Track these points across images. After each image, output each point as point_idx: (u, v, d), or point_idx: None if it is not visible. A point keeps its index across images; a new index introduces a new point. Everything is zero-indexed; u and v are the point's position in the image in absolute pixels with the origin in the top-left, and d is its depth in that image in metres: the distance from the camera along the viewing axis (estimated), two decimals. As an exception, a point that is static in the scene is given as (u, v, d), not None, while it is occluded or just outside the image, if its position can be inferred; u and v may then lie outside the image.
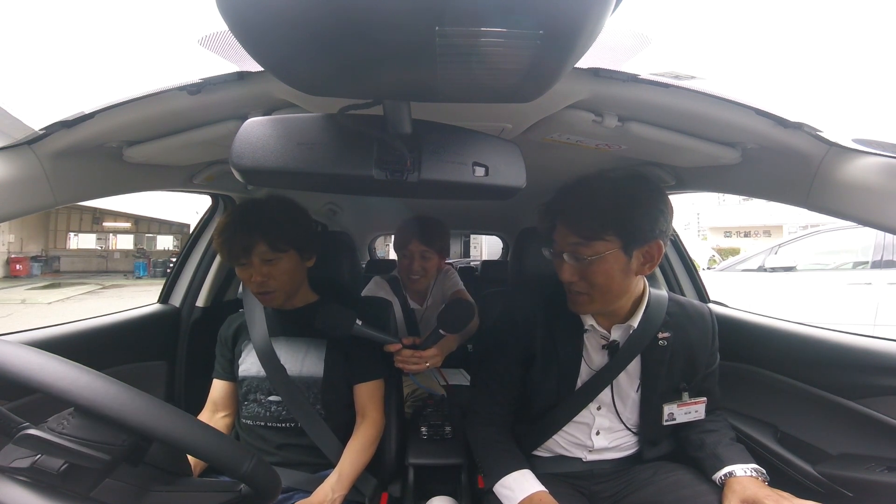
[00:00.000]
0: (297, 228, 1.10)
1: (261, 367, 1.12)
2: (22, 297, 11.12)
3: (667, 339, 1.01)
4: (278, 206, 1.11)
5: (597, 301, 0.93)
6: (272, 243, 1.05)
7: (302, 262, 1.13)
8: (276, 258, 1.06)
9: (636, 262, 0.89)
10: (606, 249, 0.87)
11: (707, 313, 1.08)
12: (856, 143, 0.78)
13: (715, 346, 1.07)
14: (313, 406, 1.13)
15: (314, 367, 1.14)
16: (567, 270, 0.91)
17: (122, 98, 0.77)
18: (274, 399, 1.13)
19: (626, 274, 0.90)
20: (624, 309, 0.99)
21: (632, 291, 0.97)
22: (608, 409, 1.04)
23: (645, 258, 0.90)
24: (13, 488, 0.52)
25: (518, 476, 0.94)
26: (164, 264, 15.89)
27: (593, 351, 1.03)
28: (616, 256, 0.87)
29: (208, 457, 0.62)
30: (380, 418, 1.17)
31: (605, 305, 0.96)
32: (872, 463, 0.96)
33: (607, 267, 0.88)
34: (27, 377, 0.55)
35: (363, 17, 0.35)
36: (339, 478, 1.03)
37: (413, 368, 1.16)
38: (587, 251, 0.88)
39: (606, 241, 0.86)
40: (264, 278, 1.06)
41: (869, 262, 4.34)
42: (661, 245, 0.89)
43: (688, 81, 0.76)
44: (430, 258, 1.74)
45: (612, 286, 0.90)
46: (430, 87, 0.45)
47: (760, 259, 5.25)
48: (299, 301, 1.19)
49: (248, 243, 1.04)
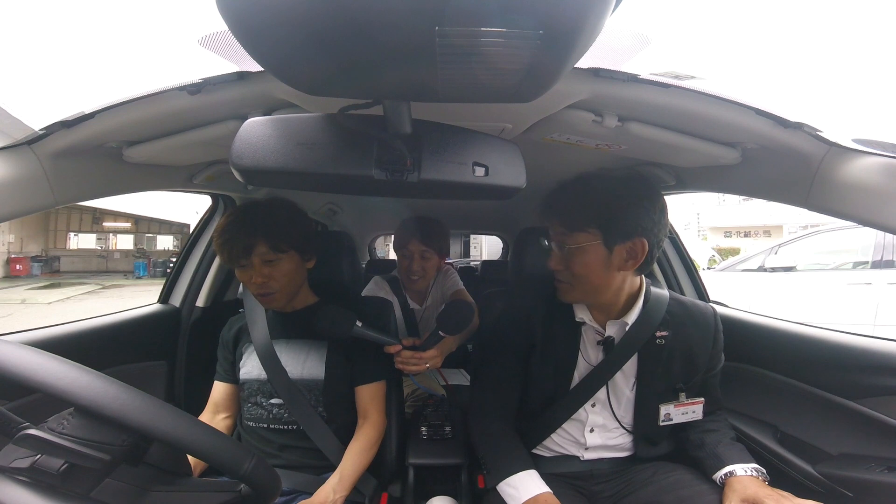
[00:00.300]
0: (298, 229, 1.10)
1: (262, 370, 1.12)
2: (22, 297, 11.13)
3: (665, 338, 1.01)
4: (279, 207, 1.10)
5: (577, 290, 0.97)
6: (273, 244, 1.05)
7: (303, 264, 1.13)
8: (276, 259, 1.06)
9: (618, 257, 0.92)
10: (587, 241, 0.91)
11: (711, 314, 1.08)
12: (856, 143, 0.78)
13: (718, 347, 1.07)
14: (315, 408, 1.12)
15: (315, 369, 1.14)
16: (553, 259, 0.98)
17: (122, 98, 0.77)
18: (275, 402, 1.12)
19: (607, 268, 0.93)
20: (616, 305, 1.00)
21: (620, 287, 0.97)
22: (602, 406, 1.04)
23: (628, 254, 0.92)
24: (13, 488, 0.52)
25: (524, 476, 0.94)
26: (164, 264, 15.91)
27: (590, 346, 1.04)
28: (596, 249, 0.91)
29: (208, 457, 0.62)
30: (381, 420, 1.17)
31: (587, 296, 0.99)
32: (872, 463, 0.96)
33: (587, 258, 0.92)
34: (27, 377, 0.55)
35: (363, 17, 0.35)
36: (341, 479, 1.03)
37: (413, 369, 1.16)
38: (570, 241, 0.93)
39: (588, 234, 0.91)
40: (265, 279, 1.06)
41: (869, 262, 4.34)
42: (645, 243, 0.90)
43: (688, 81, 0.76)
44: (429, 258, 1.74)
45: (592, 277, 0.94)
46: (430, 87, 0.45)
47: (760, 259, 5.25)
48: (300, 303, 1.19)
49: (249, 244, 1.04)
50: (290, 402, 1.10)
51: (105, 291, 13.25)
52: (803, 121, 0.79)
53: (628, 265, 0.93)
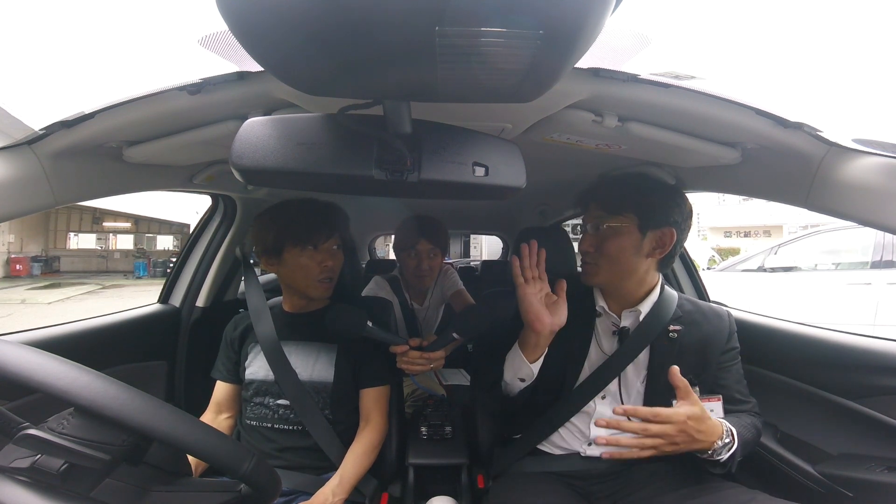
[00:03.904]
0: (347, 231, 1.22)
1: (269, 371, 1.12)
2: (22, 297, 11.13)
3: (678, 332, 1.02)
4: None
5: (602, 272, 1.02)
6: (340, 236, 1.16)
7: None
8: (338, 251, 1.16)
9: (648, 244, 0.98)
10: (624, 223, 0.99)
11: (725, 315, 1.09)
12: (856, 143, 0.78)
13: (731, 344, 1.06)
14: (322, 410, 1.12)
15: (325, 371, 1.14)
16: (587, 240, 1.04)
17: (122, 98, 0.77)
18: (282, 402, 1.12)
19: (637, 252, 0.99)
20: (633, 294, 1.03)
21: (642, 277, 1.02)
22: (612, 399, 1.04)
23: (658, 243, 0.99)
24: (13, 488, 0.52)
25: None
26: (164, 264, 15.90)
27: (604, 335, 1.06)
28: (630, 232, 0.98)
29: (208, 457, 0.62)
30: (383, 424, 1.17)
31: (612, 278, 1.03)
32: (872, 463, 0.96)
33: (622, 240, 0.99)
34: (27, 377, 0.55)
35: (363, 17, 0.35)
36: (341, 481, 1.03)
37: (417, 370, 1.16)
38: (608, 222, 1.00)
39: (625, 217, 0.99)
40: (336, 263, 1.14)
41: (869, 262, 4.34)
42: (674, 233, 0.98)
43: (688, 81, 0.76)
44: (435, 257, 1.75)
45: (621, 259, 0.99)
46: (430, 86, 0.45)
47: (760, 259, 5.25)
48: (315, 304, 1.19)
49: (330, 231, 1.13)
50: (298, 403, 1.10)
51: (105, 291, 13.25)
52: (803, 121, 0.78)
53: (656, 253, 1.00)
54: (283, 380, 1.11)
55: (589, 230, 1.05)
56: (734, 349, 1.07)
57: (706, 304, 1.12)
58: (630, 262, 1.00)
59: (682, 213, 1.00)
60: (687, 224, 1.01)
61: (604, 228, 1.01)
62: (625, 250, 0.99)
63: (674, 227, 0.98)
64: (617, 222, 0.99)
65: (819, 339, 1.13)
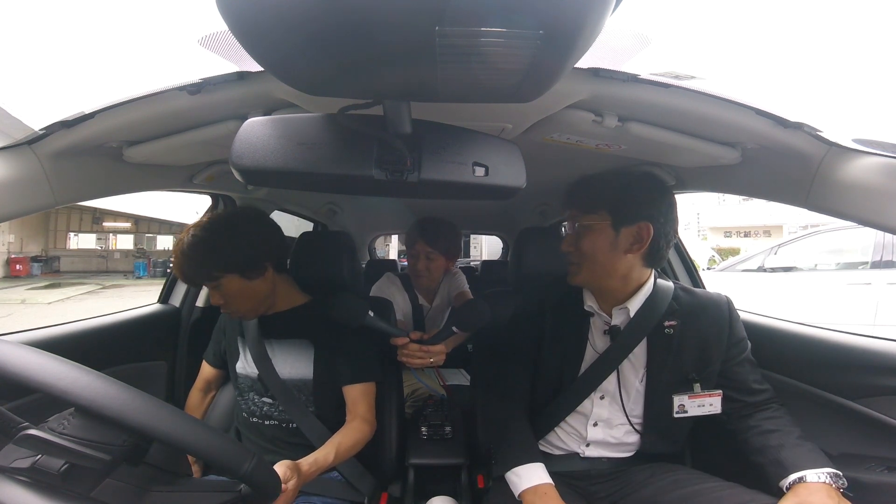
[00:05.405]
0: (230, 252, 1.04)
1: (255, 367, 1.14)
2: (22, 297, 11.12)
3: (673, 328, 1.01)
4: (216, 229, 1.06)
5: (584, 271, 1.02)
6: (205, 274, 1.05)
7: (249, 281, 1.07)
8: (217, 285, 1.06)
9: (625, 240, 0.97)
10: (597, 221, 0.98)
11: (724, 302, 1.07)
12: (856, 143, 0.78)
13: (735, 334, 1.04)
14: (307, 407, 1.13)
15: (304, 369, 1.15)
16: (566, 241, 1.05)
17: (122, 98, 0.77)
18: (267, 400, 1.15)
19: (613, 249, 0.98)
20: (620, 292, 1.03)
21: (627, 274, 1.01)
22: (612, 400, 1.04)
23: (634, 238, 0.97)
24: (13, 488, 0.52)
25: (530, 467, 0.95)
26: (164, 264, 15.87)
27: (597, 335, 1.05)
28: (603, 229, 0.98)
29: (208, 457, 0.62)
30: (370, 420, 1.14)
31: (594, 277, 1.03)
32: (872, 463, 0.96)
33: (595, 237, 0.99)
34: (27, 377, 0.55)
35: (363, 17, 0.35)
36: (315, 461, 0.97)
37: (416, 363, 1.16)
38: (581, 220, 1.01)
39: (598, 215, 0.98)
40: (220, 300, 1.09)
41: (869, 262, 4.34)
42: (650, 228, 0.96)
43: (688, 81, 0.76)
44: (434, 259, 1.79)
45: (598, 257, 0.99)
46: (430, 86, 0.45)
47: (760, 259, 5.25)
48: (283, 305, 1.18)
49: (192, 276, 1.08)
50: (283, 400, 1.12)
51: (105, 291, 13.24)
52: (803, 121, 0.78)
53: (634, 248, 0.97)
54: (267, 377, 1.13)
55: (567, 230, 1.07)
56: (741, 340, 1.05)
57: (703, 293, 1.11)
58: (608, 259, 0.99)
59: (659, 208, 0.97)
60: (668, 217, 0.98)
61: (577, 227, 1.01)
62: (600, 248, 0.98)
63: (650, 220, 0.95)
64: (589, 220, 0.99)
65: (819, 339, 1.13)
